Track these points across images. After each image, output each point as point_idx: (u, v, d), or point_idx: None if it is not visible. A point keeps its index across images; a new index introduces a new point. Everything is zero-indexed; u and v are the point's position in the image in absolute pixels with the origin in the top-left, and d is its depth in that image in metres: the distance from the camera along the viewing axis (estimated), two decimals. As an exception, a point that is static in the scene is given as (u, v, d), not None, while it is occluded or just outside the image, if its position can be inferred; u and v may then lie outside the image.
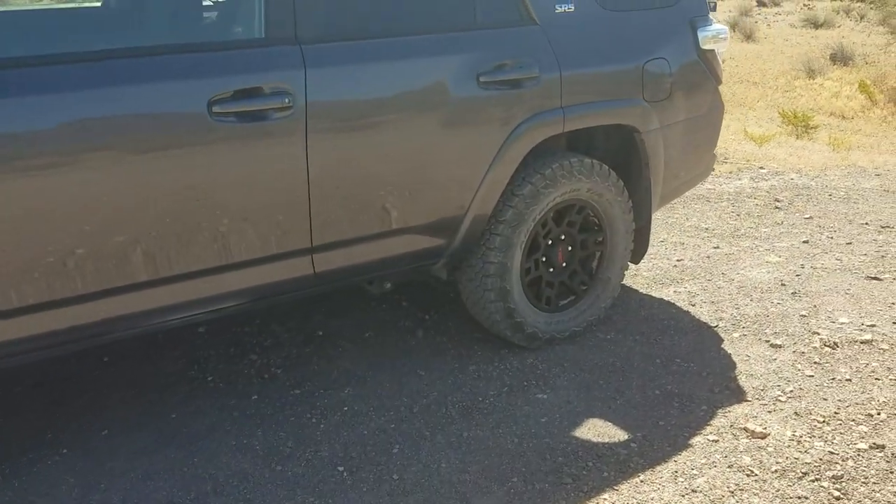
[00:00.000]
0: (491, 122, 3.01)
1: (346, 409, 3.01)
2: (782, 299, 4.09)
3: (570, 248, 3.53)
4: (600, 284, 3.63)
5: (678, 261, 4.67)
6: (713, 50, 3.69)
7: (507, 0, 3.09)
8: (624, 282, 4.27)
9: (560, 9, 3.21)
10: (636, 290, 4.22)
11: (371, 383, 3.20)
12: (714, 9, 8.14)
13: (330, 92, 2.64)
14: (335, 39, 2.68)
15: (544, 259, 3.46)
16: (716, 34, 3.69)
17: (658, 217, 5.52)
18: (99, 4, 3.78)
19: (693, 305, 4.03)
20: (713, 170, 4.09)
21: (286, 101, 2.53)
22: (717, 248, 4.92)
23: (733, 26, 18.04)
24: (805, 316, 3.88)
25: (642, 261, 4.57)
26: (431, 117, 2.87)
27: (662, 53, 3.48)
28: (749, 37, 16.78)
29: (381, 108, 2.76)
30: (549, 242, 3.46)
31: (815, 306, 4.00)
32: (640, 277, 4.39)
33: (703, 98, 3.72)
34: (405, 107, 2.81)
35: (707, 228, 5.33)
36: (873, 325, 3.75)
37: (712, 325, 3.80)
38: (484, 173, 3.05)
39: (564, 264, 3.53)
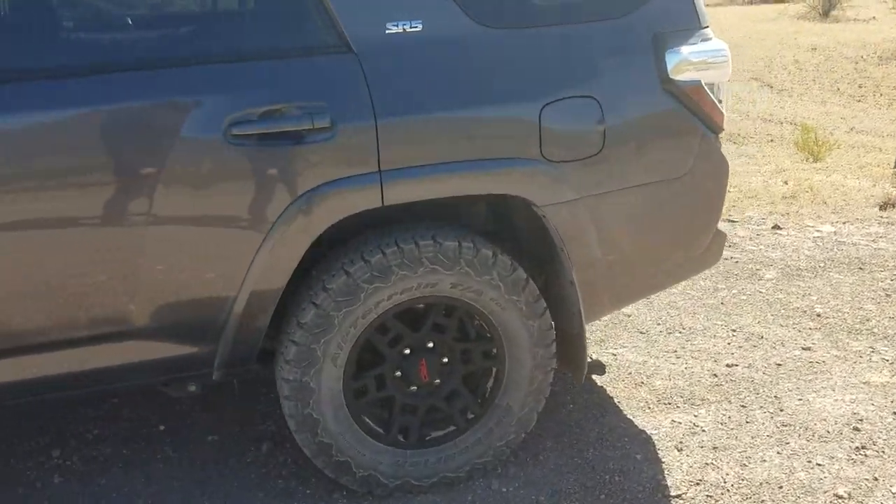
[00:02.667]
0: (249, 190, 2.13)
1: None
2: (830, 458, 2.69)
3: (444, 361, 2.51)
4: (496, 413, 2.56)
5: (728, 366, 3.34)
6: (698, 82, 2.43)
7: (302, 19, 2.17)
8: (620, 394, 3.09)
9: (393, 29, 2.21)
10: (618, 410, 3.02)
11: (132, 519, 2.47)
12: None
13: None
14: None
15: (399, 374, 2.48)
16: (704, 57, 2.43)
17: (759, 291, 4.10)
18: None
19: (680, 451, 2.77)
20: (720, 255, 2.77)
21: None
22: (808, 349, 3.48)
23: None
24: (842, 498, 2.47)
25: (668, 364, 3.34)
26: (145, 184, 2.06)
27: (586, 89, 2.32)
28: None
29: (53, 169, 2.01)
30: (407, 351, 2.46)
31: (875, 479, 2.56)
32: (646, 389, 3.17)
33: (677, 153, 2.48)
34: (96, 170, 2.03)
35: (819, 315, 3.84)
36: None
37: (675, 493, 2.54)
38: (248, 263, 2.18)
39: (437, 382, 2.51)
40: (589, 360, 3.38)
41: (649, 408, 3.04)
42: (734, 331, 3.69)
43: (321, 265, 2.36)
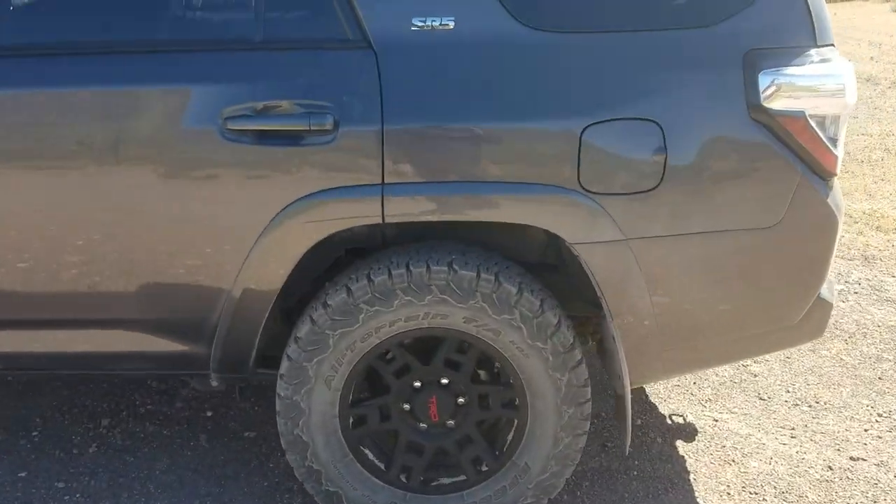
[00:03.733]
0: (241, 191, 1.98)
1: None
2: None
3: (459, 402, 2.24)
4: (512, 471, 2.24)
5: (852, 459, 2.77)
6: (801, 113, 1.94)
7: (321, 9, 1.99)
8: (701, 469, 2.65)
9: (420, 25, 1.95)
10: (689, 490, 2.58)
11: None
12: None
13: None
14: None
15: (407, 407, 2.24)
16: (811, 82, 1.94)
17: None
18: None
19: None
20: (822, 328, 2.21)
21: None
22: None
23: None
24: None
25: (777, 443, 2.82)
26: (137, 172, 1.98)
27: (646, 110, 1.94)
28: None
29: (52, 149, 1.98)
30: (418, 385, 2.22)
31: None
32: (735, 470, 2.69)
33: (764, 199, 2.01)
34: (94, 152, 1.97)
35: None
36: None
37: None
38: (240, 263, 2.04)
39: (450, 423, 2.25)
40: (681, 419, 2.95)
41: (728, 493, 2.56)
42: (880, 416, 3.03)
43: (335, 278, 2.17)
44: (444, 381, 2.21)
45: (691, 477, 2.63)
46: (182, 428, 2.85)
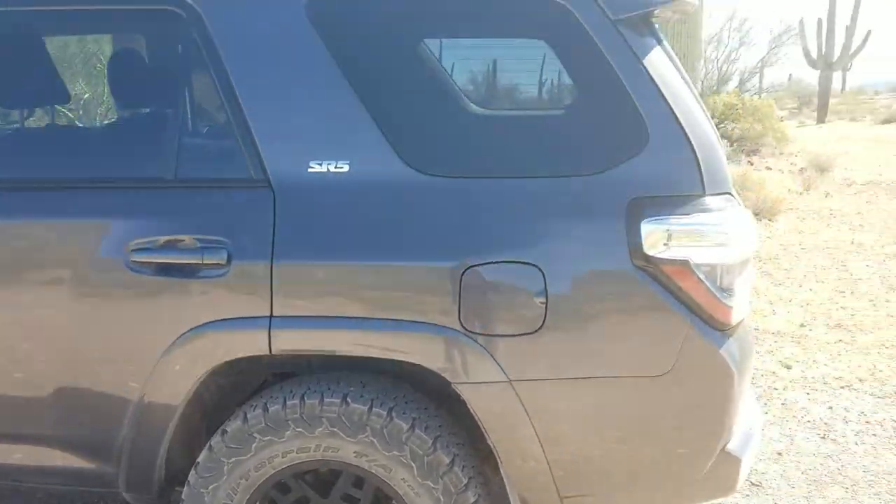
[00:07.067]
0: (143, 320, 2.09)
1: None
2: None
3: (360, 540, 2.22)
4: None
5: None
6: (685, 262, 1.93)
7: (227, 151, 2.13)
8: None
9: (316, 167, 2.06)
10: None
11: None
12: None
13: None
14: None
15: (311, 542, 2.23)
16: (693, 231, 1.93)
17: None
18: None
19: None
20: (733, 484, 2.08)
21: None
22: None
23: None
24: None
25: None
26: (54, 293, 2.12)
27: (526, 254, 1.96)
28: None
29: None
30: (324, 517, 2.22)
31: None
32: None
33: (650, 347, 1.98)
34: (25, 274, 2.14)
35: None
36: None
37: None
38: (140, 389, 2.13)
39: (353, 561, 2.23)
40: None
41: None
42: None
43: (242, 407, 2.23)
44: (347, 513, 2.20)
45: None
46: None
